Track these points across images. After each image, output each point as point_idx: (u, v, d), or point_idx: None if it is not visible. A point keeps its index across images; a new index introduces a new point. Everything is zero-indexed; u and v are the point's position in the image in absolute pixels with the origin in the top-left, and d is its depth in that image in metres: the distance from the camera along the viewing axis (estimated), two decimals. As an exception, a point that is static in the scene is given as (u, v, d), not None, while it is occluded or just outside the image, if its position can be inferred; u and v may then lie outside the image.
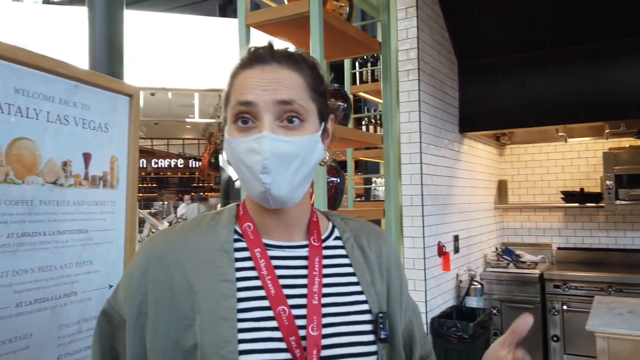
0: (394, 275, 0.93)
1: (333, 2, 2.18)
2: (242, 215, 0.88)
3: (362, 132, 3.17)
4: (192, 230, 0.85)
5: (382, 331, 0.83)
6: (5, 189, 1.13)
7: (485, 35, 3.54)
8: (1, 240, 1.13)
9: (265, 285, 0.80)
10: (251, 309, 0.78)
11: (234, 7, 8.26)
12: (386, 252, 0.94)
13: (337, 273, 0.87)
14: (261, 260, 0.82)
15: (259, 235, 0.85)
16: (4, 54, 1.13)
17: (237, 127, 0.81)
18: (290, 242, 0.86)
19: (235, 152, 0.81)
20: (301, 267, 0.85)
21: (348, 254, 0.90)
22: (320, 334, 0.79)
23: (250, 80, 0.81)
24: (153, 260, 0.82)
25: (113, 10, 3.43)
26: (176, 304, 0.78)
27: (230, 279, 0.79)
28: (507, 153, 4.67)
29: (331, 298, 0.84)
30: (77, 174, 1.33)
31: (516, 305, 3.76)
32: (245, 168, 0.80)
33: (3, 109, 1.14)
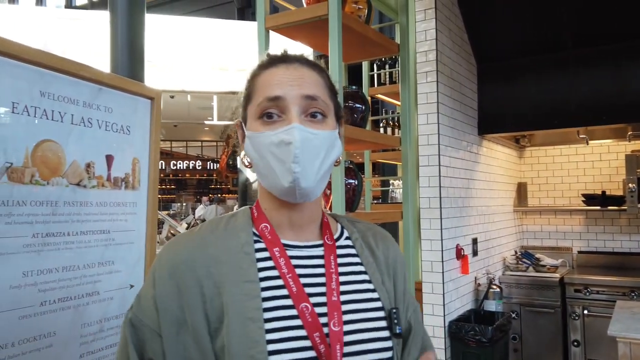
0: (400, 275, 0.96)
1: (352, 5, 2.19)
2: (257, 216, 0.89)
3: (380, 134, 3.16)
4: (212, 233, 0.85)
5: (397, 326, 0.86)
6: (30, 190, 1.16)
7: (504, 37, 3.51)
8: (27, 240, 1.15)
9: (287, 283, 0.81)
10: (275, 307, 0.79)
11: (253, 10, 8.32)
12: (392, 253, 0.98)
13: (351, 271, 0.89)
14: (281, 259, 0.83)
15: (276, 235, 0.86)
16: (31, 58, 1.16)
17: (262, 122, 0.83)
18: (305, 242, 0.88)
19: (263, 146, 0.82)
20: (318, 265, 0.86)
21: (358, 253, 0.93)
22: (341, 330, 0.80)
23: (277, 76, 0.84)
24: (180, 265, 0.81)
25: (134, 14, 3.48)
26: (208, 308, 0.78)
27: (253, 279, 0.80)
28: (526, 155, 4.62)
29: (348, 295, 0.86)
30: (99, 175, 1.35)
31: (536, 309, 3.71)
32: (275, 160, 0.82)
33: (29, 112, 1.17)
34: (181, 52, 6.02)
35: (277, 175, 0.82)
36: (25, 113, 1.16)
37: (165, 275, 0.81)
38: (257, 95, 0.85)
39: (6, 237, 1.11)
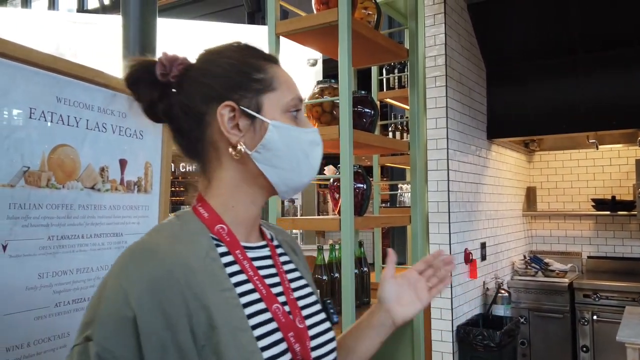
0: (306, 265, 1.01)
1: (361, 11, 2.20)
2: (209, 218, 0.81)
3: (389, 138, 3.17)
4: (174, 240, 0.76)
5: (333, 315, 0.91)
6: (47, 194, 1.19)
7: (514, 41, 3.51)
8: (42, 242, 1.18)
9: (257, 286, 0.79)
10: (255, 313, 0.76)
11: (262, 15, 8.36)
12: (298, 247, 1.01)
13: (289, 269, 0.91)
14: (244, 262, 0.80)
15: (234, 236, 0.82)
16: (48, 64, 1.19)
17: (291, 116, 0.84)
18: (254, 243, 0.87)
19: (297, 141, 0.84)
20: (271, 265, 0.87)
21: (286, 252, 0.95)
22: (305, 326, 0.82)
23: (292, 79, 0.88)
24: (161, 277, 0.70)
25: (146, 18, 3.52)
26: (194, 324, 0.69)
27: (229, 287, 0.75)
28: (536, 160, 4.61)
29: (297, 292, 0.88)
30: (113, 179, 1.38)
31: (544, 314, 3.70)
32: (305, 158, 0.84)
33: (46, 117, 1.19)
34: (192, 56, 6.04)
35: (302, 170, 0.85)
36: (42, 118, 1.18)
37: (143, 292, 0.68)
38: (283, 88, 0.84)
39: (23, 239, 1.14)
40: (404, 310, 0.98)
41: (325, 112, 2.07)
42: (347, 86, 1.89)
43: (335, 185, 2.11)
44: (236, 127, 0.81)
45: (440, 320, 2.86)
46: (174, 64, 0.84)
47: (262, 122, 0.81)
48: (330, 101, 2.03)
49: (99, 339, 0.67)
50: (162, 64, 0.84)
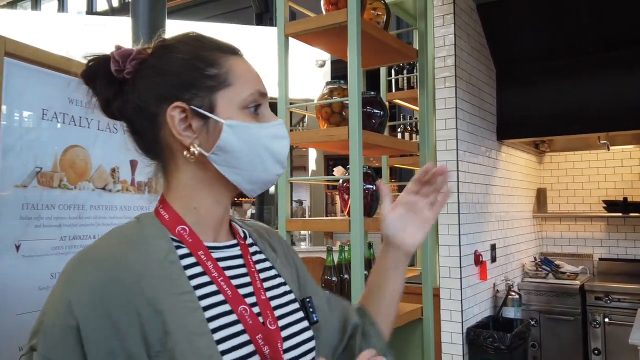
0: (297, 259, 0.97)
1: (370, 11, 2.20)
2: (170, 219, 0.79)
3: (398, 139, 3.17)
4: (126, 245, 0.73)
5: (313, 314, 0.87)
6: (59, 194, 1.20)
7: (524, 42, 3.49)
8: (55, 242, 1.19)
9: (221, 287, 0.76)
10: (217, 316, 0.73)
11: (270, 16, 8.38)
12: (283, 242, 0.98)
13: (263, 268, 0.87)
14: (208, 263, 0.77)
15: (197, 237, 0.79)
16: (60, 66, 1.19)
17: (249, 112, 0.79)
18: (222, 242, 0.83)
19: (257, 138, 0.79)
20: (240, 265, 0.83)
21: (262, 249, 0.91)
22: (278, 327, 0.79)
23: (253, 70, 0.84)
24: (107, 284, 0.68)
25: (155, 19, 3.54)
26: (147, 330, 0.67)
27: (188, 290, 0.72)
28: (546, 161, 4.58)
29: (271, 292, 0.84)
30: (124, 180, 1.39)
31: (555, 316, 3.67)
32: (269, 154, 0.80)
33: (58, 118, 1.20)
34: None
35: (267, 167, 0.80)
36: (55, 119, 1.19)
37: (90, 299, 0.66)
38: (239, 83, 0.80)
39: (36, 239, 1.14)
40: (413, 237, 0.98)
41: (335, 113, 2.07)
42: (356, 87, 1.88)
43: (345, 186, 2.11)
44: (189, 128, 0.77)
45: (450, 322, 2.85)
46: (127, 59, 0.79)
47: (216, 122, 0.77)
48: (340, 102, 2.03)
49: (43, 348, 0.66)
50: (115, 59, 0.79)
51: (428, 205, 0.99)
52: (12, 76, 1.10)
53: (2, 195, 1.08)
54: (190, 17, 8.57)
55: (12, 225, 1.10)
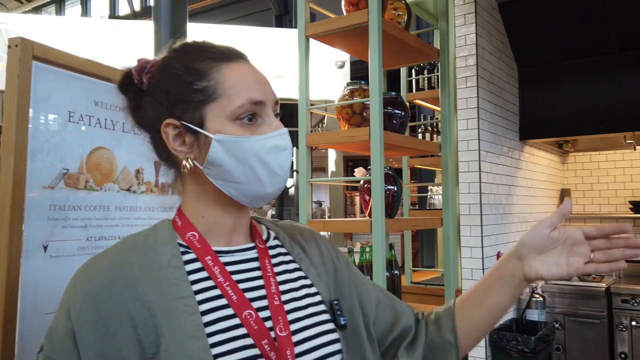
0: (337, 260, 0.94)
1: (391, 11, 2.19)
2: (182, 226, 0.81)
3: (419, 140, 3.15)
4: (130, 252, 0.77)
5: (340, 317, 0.84)
6: (85, 196, 1.21)
7: (547, 40, 3.44)
8: (81, 243, 1.21)
9: (225, 292, 0.76)
10: (217, 320, 0.74)
11: (290, 18, 8.40)
12: (322, 243, 0.96)
13: (286, 270, 0.87)
14: (215, 268, 0.78)
15: (206, 242, 0.80)
16: (86, 69, 1.21)
17: (241, 124, 0.77)
18: (236, 246, 0.84)
19: (250, 152, 0.76)
20: (254, 269, 0.83)
21: (289, 251, 0.90)
22: (289, 333, 0.77)
23: (250, 76, 0.80)
24: (100, 290, 0.72)
25: (177, 23, 3.58)
26: (140, 333, 0.70)
27: (187, 294, 0.73)
28: (570, 161, 4.50)
29: (288, 295, 0.83)
30: (148, 181, 1.40)
31: (580, 319, 3.60)
32: (262, 167, 0.77)
33: (84, 121, 1.22)
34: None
35: (262, 181, 0.78)
36: (81, 122, 1.21)
37: (84, 305, 0.71)
38: (229, 94, 0.77)
39: (63, 240, 1.16)
40: (541, 267, 0.86)
41: (356, 114, 2.06)
42: (377, 87, 1.88)
43: (366, 187, 2.10)
44: (183, 143, 0.79)
45: (473, 324, 2.81)
46: (142, 73, 0.81)
47: (205, 136, 0.77)
48: (361, 103, 2.02)
49: (47, 349, 0.72)
50: (134, 72, 0.82)
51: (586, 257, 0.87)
52: (39, 79, 1.12)
53: (30, 197, 1.10)
54: (211, 20, 8.65)
55: (40, 226, 1.12)
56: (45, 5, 14.06)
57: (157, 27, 3.56)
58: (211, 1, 9.67)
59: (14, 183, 1.06)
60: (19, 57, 1.07)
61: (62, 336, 0.71)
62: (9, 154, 1.06)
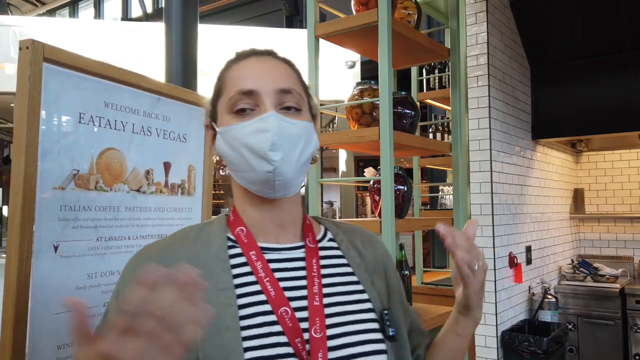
0: (391, 272, 0.93)
1: (401, 10, 2.18)
2: (233, 221, 0.85)
3: (430, 139, 3.13)
4: (181, 242, 0.82)
5: (389, 328, 0.82)
6: (96, 196, 1.22)
7: (559, 39, 3.41)
8: (92, 243, 1.21)
9: (265, 288, 0.78)
10: (253, 314, 0.75)
11: (300, 18, 8.41)
12: (381, 251, 0.95)
13: (336, 273, 0.86)
14: (257, 263, 0.80)
15: (252, 238, 0.83)
16: (96, 70, 1.22)
17: (235, 116, 0.80)
18: (285, 244, 0.84)
19: (236, 138, 0.79)
20: (299, 268, 0.83)
21: (344, 254, 0.89)
22: (324, 336, 0.76)
23: (249, 69, 0.82)
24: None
25: (188, 24, 3.59)
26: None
27: (228, 287, 0.76)
28: (583, 160, 4.45)
29: (333, 298, 0.82)
30: (158, 182, 1.41)
31: (594, 320, 3.56)
32: (249, 152, 0.78)
33: (94, 122, 1.23)
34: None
35: (254, 166, 0.78)
36: (91, 123, 1.22)
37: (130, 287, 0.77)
38: (228, 89, 0.82)
39: (73, 240, 1.17)
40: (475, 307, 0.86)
41: (365, 114, 2.06)
42: (387, 87, 1.87)
43: (376, 187, 2.09)
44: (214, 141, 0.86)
45: (484, 325, 2.79)
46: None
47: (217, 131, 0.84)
48: (370, 102, 2.02)
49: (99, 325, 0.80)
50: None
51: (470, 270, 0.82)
52: (50, 81, 1.13)
53: (41, 198, 1.11)
54: (222, 21, 8.68)
55: (51, 227, 1.13)
56: (59, 8, 14.22)
57: (168, 28, 3.59)
58: (222, 3, 9.71)
59: (24, 184, 1.06)
60: (30, 59, 1.07)
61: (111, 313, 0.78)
62: (20, 155, 1.06)
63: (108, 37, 6.25)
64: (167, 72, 3.56)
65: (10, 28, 5.70)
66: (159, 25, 4.17)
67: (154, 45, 5.53)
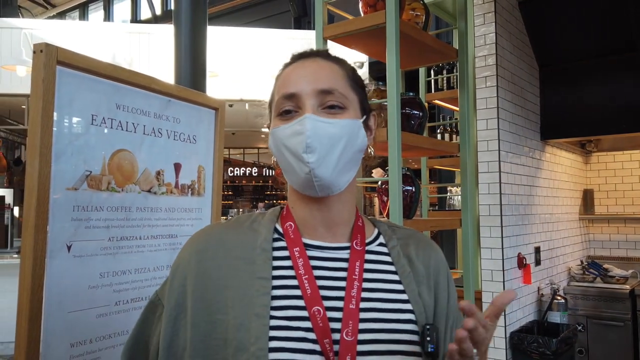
0: (442, 287, 0.88)
1: (409, 12, 2.19)
2: (285, 214, 0.88)
3: (438, 140, 3.13)
4: (234, 229, 0.86)
5: (429, 344, 0.78)
6: (108, 197, 1.24)
7: (568, 39, 3.39)
8: (104, 243, 1.23)
9: (302, 284, 0.79)
10: (285, 307, 0.77)
11: (308, 19, 8.43)
12: (435, 263, 0.90)
13: (381, 279, 0.84)
14: (299, 260, 0.81)
15: (299, 234, 0.84)
16: (108, 73, 1.24)
17: (280, 119, 0.83)
18: (331, 244, 0.85)
19: (279, 140, 0.82)
20: (341, 269, 0.82)
21: (394, 261, 0.87)
22: (355, 340, 0.76)
23: (292, 74, 0.85)
24: (194, 253, 0.83)
25: (197, 26, 3.62)
26: (209, 298, 0.78)
27: (265, 276, 0.79)
28: (593, 161, 4.42)
29: (372, 303, 0.81)
30: (168, 182, 1.43)
31: (604, 322, 3.54)
32: (289, 153, 0.80)
33: (106, 123, 1.25)
34: (239, 62, 6.20)
35: (294, 167, 0.80)
36: (103, 124, 1.24)
37: (182, 260, 0.84)
38: (275, 93, 0.86)
39: (86, 240, 1.19)
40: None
41: (373, 115, 2.06)
42: (395, 88, 1.88)
43: (384, 188, 2.10)
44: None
45: (493, 326, 2.79)
46: None
47: None
48: (378, 103, 2.02)
49: (159, 288, 0.88)
50: None
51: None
52: (63, 84, 1.15)
53: (54, 198, 1.13)
54: (231, 23, 8.71)
55: (64, 227, 1.15)
56: (69, 11, 14.34)
57: (177, 30, 3.62)
58: (230, 4, 9.75)
59: (39, 185, 1.08)
60: (44, 62, 1.09)
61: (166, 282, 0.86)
62: (35, 156, 1.09)
63: (118, 39, 6.30)
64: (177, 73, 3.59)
65: (22, 31, 5.76)
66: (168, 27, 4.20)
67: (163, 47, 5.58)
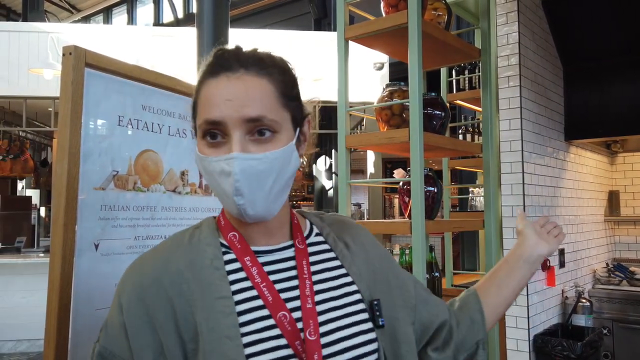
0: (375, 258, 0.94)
1: (431, 12, 2.18)
2: (224, 225, 0.85)
3: (460, 141, 3.11)
4: (177, 248, 0.82)
5: (379, 318, 0.84)
6: (134, 196, 1.26)
7: (593, 37, 3.33)
8: (130, 242, 1.26)
9: (262, 293, 0.79)
10: (252, 320, 0.76)
11: (328, 21, 8.44)
12: (365, 240, 0.95)
13: (326, 268, 0.87)
14: (253, 269, 0.80)
15: (245, 243, 0.83)
16: (135, 75, 1.26)
17: (206, 142, 0.78)
18: (276, 245, 0.86)
19: (208, 171, 0.78)
20: (291, 268, 0.84)
21: (332, 247, 0.90)
22: (318, 338, 0.78)
23: (216, 94, 0.77)
24: (148, 285, 0.77)
25: (219, 28, 3.66)
26: (180, 327, 0.75)
27: (226, 295, 0.77)
28: (619, 162, 4.34)
29: (325, 294, 0.84)
30: (192, 182, 1.44)
31: (630, 325, 3.46)
32: (219, 188, 0.78)
33: (133, 124, 1.27)
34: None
35: (225, 200, 0.78)
36: (129, 125, 1.26)
37: (133, 299, 0.77)
38: (200, 110, 0.79)
39: (113, 239, 1.21)
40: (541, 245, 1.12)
41: (395, 115, 2.06)
42: (417, 88, 1.87)
43: (405, 188, 2.09)
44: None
45: (516, 329, 2.76)
46: None
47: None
48: (400, 104, 2.02)
49: (103, 340, 0.79)
50: None
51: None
52: (91, 86, 1.18)
53: (82, 198, 1.15)
54: (252, 25, 8.78)
55: (92, 226, 1.18)
56: (93, 15, 14.60)
57: (199, 33, 3.66)
58: (252, 7, 9.81)
59: (67, 185, 1.11)
60: (73, 64, 1.12)
61: (116, 328, 0.78)
62: (63, 157, 1.11)
63: (141, 42, 6.40)
64: (199, 75, 3.63)
65: (49, 34, 5.89)
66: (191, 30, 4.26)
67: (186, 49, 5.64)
